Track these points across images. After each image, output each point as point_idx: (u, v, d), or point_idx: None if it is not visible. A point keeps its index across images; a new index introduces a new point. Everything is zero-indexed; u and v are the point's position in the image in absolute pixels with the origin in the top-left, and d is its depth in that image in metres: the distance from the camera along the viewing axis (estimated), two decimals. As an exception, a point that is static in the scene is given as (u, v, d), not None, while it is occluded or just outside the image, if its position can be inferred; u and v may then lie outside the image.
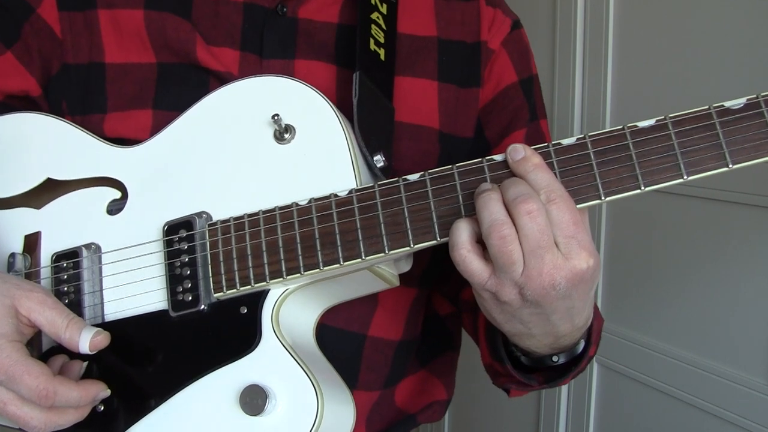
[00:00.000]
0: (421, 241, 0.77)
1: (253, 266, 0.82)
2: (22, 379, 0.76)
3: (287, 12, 0.96)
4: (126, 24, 0.96)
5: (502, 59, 1.03)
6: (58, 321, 0.80)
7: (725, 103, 0.70)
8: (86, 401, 0.81)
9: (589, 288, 0.75)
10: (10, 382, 0.76)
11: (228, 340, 0.83)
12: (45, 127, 0.96)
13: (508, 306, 0.74)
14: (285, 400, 0.80)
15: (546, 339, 0.80)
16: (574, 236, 0.71)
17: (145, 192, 0.91)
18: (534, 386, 0.91)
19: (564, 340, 0.81)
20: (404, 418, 1.05)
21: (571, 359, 0.86)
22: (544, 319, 0.76)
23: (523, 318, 0.76)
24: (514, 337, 0.82)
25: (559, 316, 0.75)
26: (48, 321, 0.80)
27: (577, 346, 0.85)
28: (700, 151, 0.70)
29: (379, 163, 0.86)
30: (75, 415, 0.81)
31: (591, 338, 0.86)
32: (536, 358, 0.86)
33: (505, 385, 0.97)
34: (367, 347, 0.98)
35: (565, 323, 0.77)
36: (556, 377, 0.89)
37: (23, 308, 0.80)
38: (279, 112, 0.84)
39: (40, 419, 0.78)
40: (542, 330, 0.78)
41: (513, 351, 0.88)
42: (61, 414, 0.80)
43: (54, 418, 0.79)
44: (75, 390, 0.80)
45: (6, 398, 0.77)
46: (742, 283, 1.68)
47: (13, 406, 0.77)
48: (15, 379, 0.76)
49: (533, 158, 0.73)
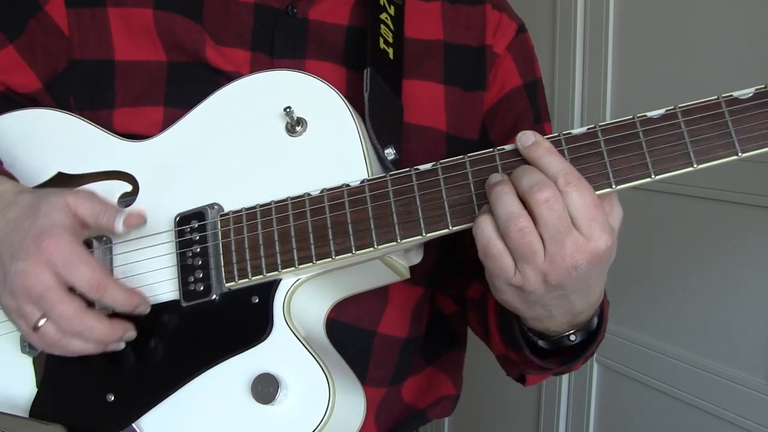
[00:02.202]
0: (433, 230, 0.78)
1: (265, 256, 0.83)
2: (78, 267, 0.79)
3: (297, 13, 0.97)
4: (136, 22, 0.96)
5: (507, 63, 1.04)
6: (97, 208, 0.84)
7: (734, 93, 0.71)
8: (114, 330, 0.83)
9: (606, 265, 0.76)
10: (65, 267, 0.79)
11: (239, 330, 0.84)
12: (55, 122, 0.96)
13: (532, 294, 0.75)
14: (297, 389, 0.80)
15: (564, 317, 0.81)
16: (594, 218, 0.72)
17: (156, 185, 0.91)
18: (552, 369, 0.91)
19: (580, 317, 0.83)
20: (414, 413, 1.06)
21: (586, 338, 0.87)
22: (564, 299, 0.77)
23: (545, 303, 0.77)
24: (534, 321, 0.83)
25: (577, 294, 0.77)
26: (89, 210, 0.83)
27: (591, 322, 0.86)
28: (709, 140, 0.70)
29: (390, 156, 0.86)
30: (89, 346, 0.82)
31: (603, 315, 0.88)
32: (553, 339, 0.87)
33: (523, 372, 0.97)
34: (377, 343, 0.99)
35: (582, 300, 0.79)
36: (571, 359, 0.90)
37: (71, 202, 0.83)
38: (291, 104, 0.84)
39: (72, 309, 0.79)
40: (562, 310, 0.79)
41: (529, 336, 0.88)
42: (94, 324, 0.81)
43: (88, 317, 0.80)
44: (121, 296, 0.82)
45: (50, 283, 0.78)
46: (742, 282, 1.68)
47: (54, 293, 0.79)
48: (71, 265, 0.79)
49: (544, 143, 0.74)
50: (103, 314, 0.83)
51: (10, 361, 0.91)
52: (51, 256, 0.78)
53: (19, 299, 0.79)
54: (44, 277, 0.78)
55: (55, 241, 0.79)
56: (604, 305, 0.88)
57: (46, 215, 0.81)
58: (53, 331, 0.80)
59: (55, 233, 0.79)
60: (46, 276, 0.78)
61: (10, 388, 0.91)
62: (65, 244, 0.79)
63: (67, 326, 0.80)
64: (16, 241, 0.80)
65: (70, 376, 0.89)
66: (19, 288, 0.79)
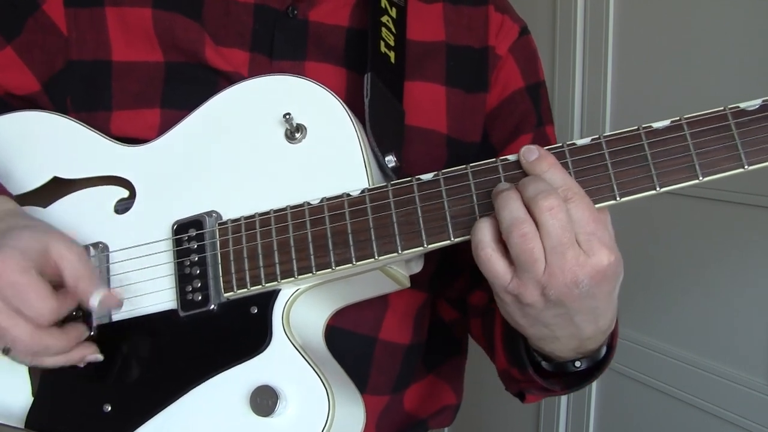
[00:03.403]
0: (435, 241, 0.77)
1: (264, 266, 0.82)
2: (27, 294, 0.75)
3: (298, 14, 0.96)
4: (134, 22, 0.95)
5: (509, 65, 1.03)
6: (81, 272, 0.79)
7: (740, 105, 0.70)
8: (70, 347, 0.80)
9: (613, 288, 0.75)
10: (14, 291, 0.75)
11: (238, 341, 0.83)
12: (51, 125, 0.95)
13: (531, 308, 0.74)
14: (296, 401, 0.79)
15: (571, 343, 0.79)
16: (594, 233, 0.70)
17: (154, 191, 0.90)
18: (555, 391, 0.90)
19: (588, 344, 0.81)
20: (414, 422, 1.04)
21: (593, 365, 0.85)
22: (568, 320, 0.75)
23: (547, 320, 0.75)
24: (539, 341, 0.81)
25: (583, 317, 0.75)
26: (72, 269, 0.79)
27: (599, 351, 0.84)
28: (715, 152, 0.69)
29: (391, 164, 0.85)
30: (59, 359, 0.80)
31: (612, 343, 0.86)
32: (558, 363, 0.85)
33: (524, 390, 0.96)
34: (378, 350, 0.98)
35: (589, 325, 0.77)
36: (575, 384, 0.88)
37: (56, 251, 0.78)
38: (290, 111, 0.83)
39: (26, 332, 0.76)
40: (566, 332, 0.77)
41: (534, 356, 0.87)
42: (50, 342, 0.78)
43: (42, 336, 0.77)
44: (63, 338, 0.79)
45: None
46: (742, 283, 1.68)
47: (4, 315, 0.76)
48: (20, 291, 0.75)
49: (547, 158, 0.73)
50: (55, 327, 0.79)
51: (6, 371, 0.90)
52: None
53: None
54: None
55: (4, 263, 0.75)
56: (614, 334, 0.85)
57: (13, 237, 0.78)
58: (21, 354, 0.78)
59: (7, 254, 0.76)
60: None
61: (5, 398, 0.90)
62: (14, 267, 0.75)
63: (25, 349, 0.77)
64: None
65: (66, 386, 0.87)
66: None
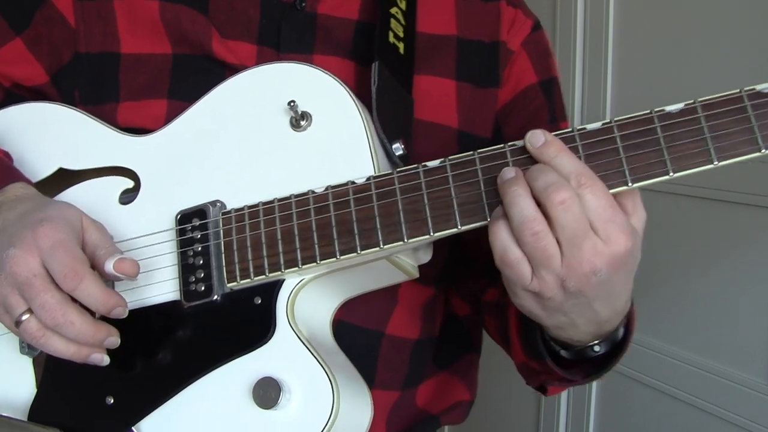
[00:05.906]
0: (441, 229, 0.75)
1: (268, 255, 0.80)
2: (58, 252, 0.75)
3: (306, 7, 0.95)
4: (141, 14, 0.95)
5: (522, 60, 1.02)
6: (102, 242, 0.82)
7: (756, 87, 0.68)
8: (91, 338, 0.78)
9: (630, 270, 0.73)
10: (49, 252, 0.75)
11: (241, 331, 0.81)
12: (57, 116, 0.95)
13: (551, 301, 0.72)
14: (299, 393, 0.78)
15: (588, 327, 0.78)
16: (611, 220, 0.69)
17: (158, 181, 0.89)
18: (576, 381, 0.88)
19: (606, 326, 0.79)
20: (427, 418, 1.03)
21: (611, 349, 0.84)
22: (587, 307, 0.74)
23: (566, 310, 0.74)
24: (557, 330, 0.80)
25: (600, 302, 0.73)
26: (94, 239, 0.81)
27: (617, 332, 0.83)
28: (731, 135, 0.67)
29: (398, 151, 0.84)
30: (71, 346, 0.78)
31: (630, 326, 0.84)
32: (576, 349, 0.84)
33: (544, 382, 0.95)
34: (385, 345, 0.96)
35: (606, 308, 0.75)
36: (595, 370, 0.86)
37: (86, 220, 0.82)
38: (295, 98, 0.82)
39: (56, 299, 0.75)
40: (585, 318, 0.76)
41: (552, 346, 0.86)
42: (75, 318, 0.77)
43: (70, 310, 0.76)
44: (97, 291, 0.77)
45: (36, 270, 0.75)
46: (742, 283, 1.68)
47: (39, 280, 0.75)
48: (54, 250, 0.75)
49: (555, 143, 0.71)
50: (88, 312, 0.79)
51: (10, 362, 0.89)
52: (41, 241, 0.76)
53: (6, 288, 0.76)
54: (32, 263, 0.75)
55: (52, 228, 0.77)
56: (632, 315, 0.84)
57: (57, 209, 0.80)
58: (34, 327, 0.76)
59: (55, 221, 0.77)
60: (33, 263, 0.75)
61: (9, 389, 0.89)
62: (58, 232, 0.76)
63: (49, 317, 0.75)
64: (18, 230, 0.78)
65: (69, 377, 0.86)
66: (7, 275, 0.76)
